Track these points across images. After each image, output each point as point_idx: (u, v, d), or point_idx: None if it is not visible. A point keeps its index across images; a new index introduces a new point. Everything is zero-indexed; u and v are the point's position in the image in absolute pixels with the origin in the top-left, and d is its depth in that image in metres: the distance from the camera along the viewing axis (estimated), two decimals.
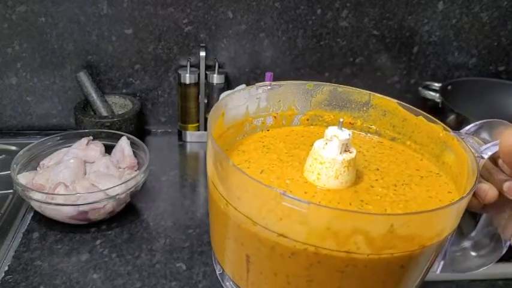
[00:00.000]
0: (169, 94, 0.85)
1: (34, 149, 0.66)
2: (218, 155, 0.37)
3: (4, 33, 0.76)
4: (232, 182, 0.36)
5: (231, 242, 0.39)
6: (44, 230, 0.59)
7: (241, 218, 0.35)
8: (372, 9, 0.81)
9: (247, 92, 0.46)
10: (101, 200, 0.57)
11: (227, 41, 0.81)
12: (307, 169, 0.39)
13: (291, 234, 0.33)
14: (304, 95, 0.49)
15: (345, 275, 0.33)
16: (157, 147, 0.83)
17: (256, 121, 0.48)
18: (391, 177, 0.42)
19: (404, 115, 0.46)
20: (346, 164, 0.38)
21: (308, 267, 0.34)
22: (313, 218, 0.32)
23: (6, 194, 0.65)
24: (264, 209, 0.33)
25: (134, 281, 0.53)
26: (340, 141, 0.37)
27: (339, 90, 0.49)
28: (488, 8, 0.82)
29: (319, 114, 0.50)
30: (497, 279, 0.56)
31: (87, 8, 0.76)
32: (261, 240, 0.35)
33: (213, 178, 0.39)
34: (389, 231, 0.31)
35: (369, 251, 0.32)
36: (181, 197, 0.69)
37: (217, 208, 0.39)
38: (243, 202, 0.35)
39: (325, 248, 0.32)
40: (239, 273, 0.40)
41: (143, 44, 0.80)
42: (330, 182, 0.38)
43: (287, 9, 0.79)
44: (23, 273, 0.53)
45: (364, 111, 0.49)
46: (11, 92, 0.81)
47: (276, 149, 0.45)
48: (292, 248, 0.33)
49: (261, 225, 0.34)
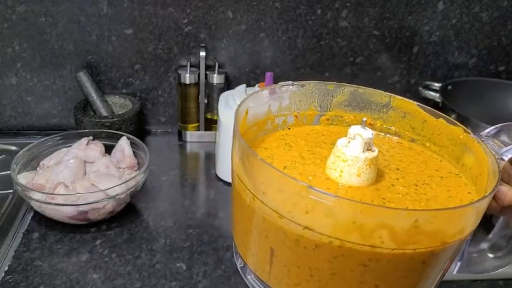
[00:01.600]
0: (169, 94, 0.85)
1: (34, 149, 0.66)
2: (245, 150, 0.37)
3: (4, 33, 0.76)
4: (260, 176, 0.37)
5: (255, 236, 0.40)
6: (44, 230, 0.59)
7: (267, 211, 0.36)
8: (372, 9, 0.81)
9: (270, 91, 0.47)
10: (101, 200, 0.57)
11: (227, 41, 0.81)
12: (330, 166, 0.40)
13: (317, 227, 0.33)
14: (325, 95, 0.50)
15: (368, 269, 0.34)
16: (157, 147, 0.83)
17: (278, 120, 0.49)
18: (411, 176, 0.42)
19: (424, 117, 0.47)
20: (368, 162, 0.38)
21: (332, 260, 0.34)
22: (339, 212, 0.32)
23: (6, 194, 0.65)
24: (291, 202, 0.34)
25: (134, 281, 0.53)
26: (363, 139, 0.38)
27: (360, 91, 0.49)
28: (488, 8, 0.82)
29: (340, 115, 0.50)
30: (497, 279, 0.56)
31: (87, 8, 0.76)
32: (286, 233, 0.35)
33: (239, 173, 0.39)
34: (414, 226, 0.31)
35: (392, 245, 0.32)
36: (181, 197, 0.69)
37: (243, 202, 0.39)
38: (269, 195, 0.36)
39: (350, 241, 0.33)
40: (262, 266, 0.40)
41: (143, 44, 0.80)
42: (352, 179, 0.39)
43: (287, 9, 0.79)
44: (23, 273, 0.53)
45: (384, 112, 0.49)
46: (11, 92, 0.81)
47: (298, 146, 0.45)
48: (317, 240, 0.34)
49: (287, 218, 0.34)
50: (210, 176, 0.75)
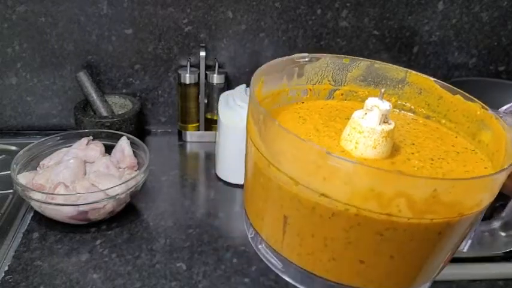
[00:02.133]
0: (169, 94, 0.85)
1: (34, 149, 0.66)
2: (263, 116, 0.37)
3: (4, 33, 0.76)
4: (277, 142, 0.36)
5: (269, 204, 0.39)
6: (44, 230, 0.59)
7: (283, 178, 0.35)
8: (372, 9, 0.81)
9: (286, 62, 0.46)
10: (101, 200, 0.57)
11: (227, 41, 0.81)
12: (345, 138, 0.40)
13: (334, 194, 0.33)
14: (340, 69, 0.49)
15: (384, 238, 0.34)
16: (157, 147, 0.83)
17: (292, 92, 0.48)
18: (426, 151, 0.42)
19: (441, 93, 0.46)
20: (385, 134, 0.38)
21: (348, 229, 0.34)
22: (358, 179, 0.32)
23: (6, 194, 0.65)
24: (308, 169, 0.34)
25: (134, 281, 0.53)
26: (381, 111, 0.38)
27: (376, 66, 0.49)
28: (488, 8, 0.82)
29: (354, 90, 0.50)
30: (497, 279, 0.56)
31: (87, 8, 0.76)
32: (301, 201, 0.35)
33: (255, 140, 0.39)
34: (432, 195, 0.31)
35: (409, 214, 0.32)
36: (181, 197, 0.69)
37: (257, 170, 0.39)
38: (286, 162, 0.35)
39: (367, 209, 0.32)
40: (274, 235, 0.40)
41: (143, 44, 0.80)
42: (368, 151, 0.38)
43: (287, 9, 0.79)
44: (23, 273, 0.53)
45: (400, 88, 0.48)
46: (11, 92, 0.81)
47: (312, 120, 0.45)
48: (333, 208, 0.33)
49: (303, 185, 0.34)
50: (210, 176, 0.75)
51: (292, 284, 0.54)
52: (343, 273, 0.37)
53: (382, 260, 0.35)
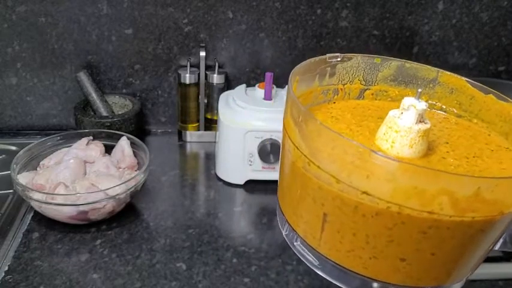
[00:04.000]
0: (169, 94, 0.85)
1: (34, 149, 0.66)
2: (304, 114, 0.37)
3: (4, 33, 0.76)
4: (318, 141, 0.37)
5: (307, 202, 0.40)
6: (44, 230, 0.59)
7: (324, 177, 0.36)
8: (372, 9, 0.81)
9: (319, 63, 0.47)
10: (101, 200, 0.57)
11: (227, 41, 0.81)
12: (381, 137, 0.40)
13: (376, 192, 0.33)
14: (371, 69, 0.49)
15: (427, 236, 0.34)
16: (157, 147, 0.83)
17: (323, 92, 0.48)
18: (461, 150, 0.42)
19: (473, 93, 0.46)
20: (421, 133, 0.38)
21: (391, 227, 0.34)
22: (401, 176, 0.32)
23: (6, 194, 0.65)
24: (350, 167, 0.34)
25: (134, 281, 0.53)
26: (417, 110, 0.38)
27: (407, 66, 0.49)
28: (488, 8, 0.82)
29: (385, 89, 0.50)
30: (497, 279, 0.56)
31: (87, 8, 0.76)
32: (343, 200, 0.35)
33: (294, 138, 0.39)
34: (475, 194, 0.31)
35: (451, 212, 0.32)
36: (181, 197, 0.69)
37: (296, 168, 0.39)
38: (327, 160, 0.36)
39: (409, 207, 0.33)
40: (312, 232, 0.40)
41: (143, 44, 0.80)
42: (404, 150, 0.38)
43: (287, 9, 0.79)
44: (23, 273, 0.53)
45: (431, 88, 0.49)
46: (11, 92, 0.81)
47: (345, 119, 0.45)
48: (375, 207, 0.34)
49: (345, 183, 0.34)
50: (210, 176, 0.75)
51: (293, 281, 0.54)
52: (382, 270, 0.37)
53: (423, 257, 0.36)
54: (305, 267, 0.56)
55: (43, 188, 0.60)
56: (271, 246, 0.59)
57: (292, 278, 0.54)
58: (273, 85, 0.73)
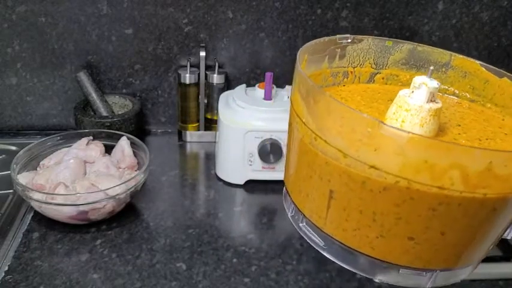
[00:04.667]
0: (169, 94, 0.85)
1: (34, 149, 0.66)
2: (312, 89, 0.36)
3: (4, 33, 0.76)
4: (326, 115, 0.36)
5: (314, 180, 0.39)
6: (44, 230, 0.59)
7: (331, 151, 0.35)
8: (371, 9, 0.81)
9: (328, 43, 0.46)
10: (101, 200, 0.57)
11: (227, 41, 0.81)
12: (390, 117, 0.39)
13: (384, 166, 0.32)
14: (383, 52, 0.48)
15: (436, 214, 0.33)
16: (157, 147, 0.83)
17: (333, 74, 0.47)
18: (473, 132, 0.41)
19: (487, 76, 0.45)
20: (432, 112, 0.37)
21: (400, 204, 0.33)
22: (411, 149, 0.31)
23: (6, 194, 0.65)
24: (358, 140, 0.33)
25: (134, 281, 0.53)
26: (429, 89, 0.37)
27: (419, 49, 0.48)
28: (488, 8, 0.82)
29: (395, 73, 0.49)
30: (497, 279, 0.56)
31: (87, 8, 0.76)
32: (350, 175, 0.34)
33: (302, 114, 0.38)
34: (487, 168, 0.30)
35: (462, 188, 0.31)
36: (181, 197, 0.69)
37: (303, 145, 0.39)
38: (335, 134, 0.35)
39: (418, 182, 0.32)
40: (318, 211, 0.39)
41: (143, 44, 0.80)
42: (415, 129, 0.37)
43: (287, 9, 0.79)
44: (23, 273, 0.53)
45: (443, 72, 0.48)
46: (11, 92, 0.81)
47: (354, 101, 0.44)
48: (383, 182, 0.33)
49: (353, 157, 0.34)
50: (210, 176, 0.75)
51: (293, 281, 0.54)
52: (390, 251, 0.36)
53: (432, 236, 0.35)
54: (305, 266, 0.56)
55: (43, 188, 0.60)
56: (271, 246, 0.59)
57: (292, 278, 0.54)
58: (273, 85, 0.73)
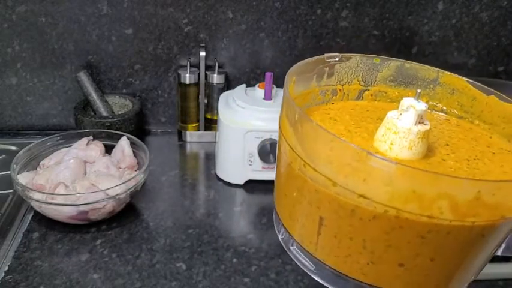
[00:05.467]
0: (169, 94, 0.85)
1: (34, 149, 0.66)
2: (300, 116, 0.36)
3: (4, 33, 0.76)
4: (314, 142, 0.36)
5: (304, 205, 0.39)
6: (44, 230, 0.59)
7: (320, 179, 0.35)
8: (372, 9, 0.81)
9: (316, 62, 0.46)
10: (101, 200, 0.58)
11: (227, 41, 0.81)
12: (379, 139, 0.39)
13: (373, 195, 0.32)
14: (371, 69, 0.49)
15: (426, 241, 0.33)
16: (157, 147, 0.83)
17: (321, 92, 0.48)
18: (462, 152, 0.41)
19: (474, 94, 0.46)
20: (421, 135, 0.37)
21: (389, 231, 0.33)
22: (399, 179, 0.31)
23: (6, 194, 0.65)
24: (347, 169, 0.33)
25: (134, 281, 0.53)
26: (417, 111, 0.37)
27: (406, 66, 0.48)
28: (488, 8, 0.82)
29: (384, 90, 0.49)
30: (497, 279, 0.56)
31: (87, 8, 0.76)
32: (340, 203, 0.34)
33: (290, 140, 0.38)
34: (476, 197, 0.31)
35: (451, 217, 0.31)
36: (181, 197, 0.69)
37: (292, 171, 0.39)
38: (324, 162, 0.35)
39: (407, 211, 0.32)
40: (308, 236, 0.39)
41: (143, 44, 0.80)
42: (403, 152, 0.38)
43: (287, 9, 0.79)
44: (23, 273, 0.53)
45: (431, 88, 0.48)
46: (11, 92, 0.81)
47: (343, 120, 0.45)
48: (372, 211, 0.33)
49: (342, 185, 0.34)
50: (210, 176, 0.75)
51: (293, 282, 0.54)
52: (380, 276, 0.37)
53: (422, 262, 0.35)
54: None
55: (43, 188, 0.60)
56: (271, 246, 0.59)
57: (292, 278, 0.54)
58: (273, 85, 0.73)
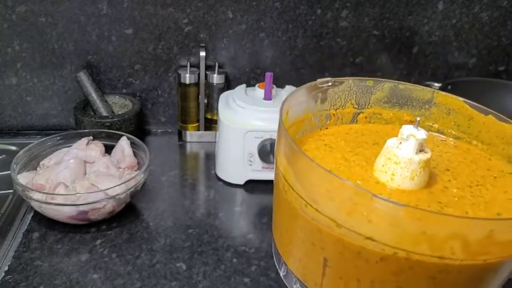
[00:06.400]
0: (169, 94, 0.85)
1: (34, 149, 0.66)
2: (301, 158, 0.35)
3: (4, 33, 0.76)
4: (317, 184, 0.35)
5: (306, 245, 0.38)
6: (44, 230, 0.59)
7: (323, 220, 0.34)
8: (371, 9, 0.81)
9: (309, 89, 0.46)
10: (101, 200, 0.57)
11: (227, 41, 0.81)
12: (379, 169, 0.38)
13: (380, 237, 0.31)
14: (364, 92, 0.48)
15: (437, 281, 0.32)
16: (157, 147, 0.83)
17: (315, 118, 0.47)
18: (463, 178, 0.40)
19: (471, 114, 0.45)
20: (422, 164, 0.37)
21: (398, 273, 0.32)
22: (407, 222, 0.30)
23: (6, 194, 0.65)
24: (352, 211, 0.32)
25: (134, 281, 0.53)
26: (417, 140, 0.36)
27: (400, 87, 0.48)
28: (488, 8, 0.82)
29: (378, 112, 0.49)
30: None
31: (87, 8, 0.76)
32: (345, 245, 0.33)
33: (290, 179, 0.37)
34: (488, 236, 0.30)
35: (463, 256, 0.31)
36: (181, 197, 0.69)
37: (292, 210, 0.37)
38: (327, 204, 0.34)
39: (418, 253, 0.31)
40: (313, 277, 0.38)
41: (143, 44, 0.80)
42: (405, 183, 0.37)
43: (287, 9, 0.79)
44: (23, 273, 0.53)
45: (426, 109, 0.47)
46: (11, 92, 0.81)
47: (339, 147, 0.44)
48: (380, 252, 0.32)
49: (347, 227, 0.33)
50: (210, 176, 0.75)
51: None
52: None
53: None
54: None
55: (43, 188, 0.60)
56: (271, 246, 0.59)
57: None
58: (273, 85, 0.73)
